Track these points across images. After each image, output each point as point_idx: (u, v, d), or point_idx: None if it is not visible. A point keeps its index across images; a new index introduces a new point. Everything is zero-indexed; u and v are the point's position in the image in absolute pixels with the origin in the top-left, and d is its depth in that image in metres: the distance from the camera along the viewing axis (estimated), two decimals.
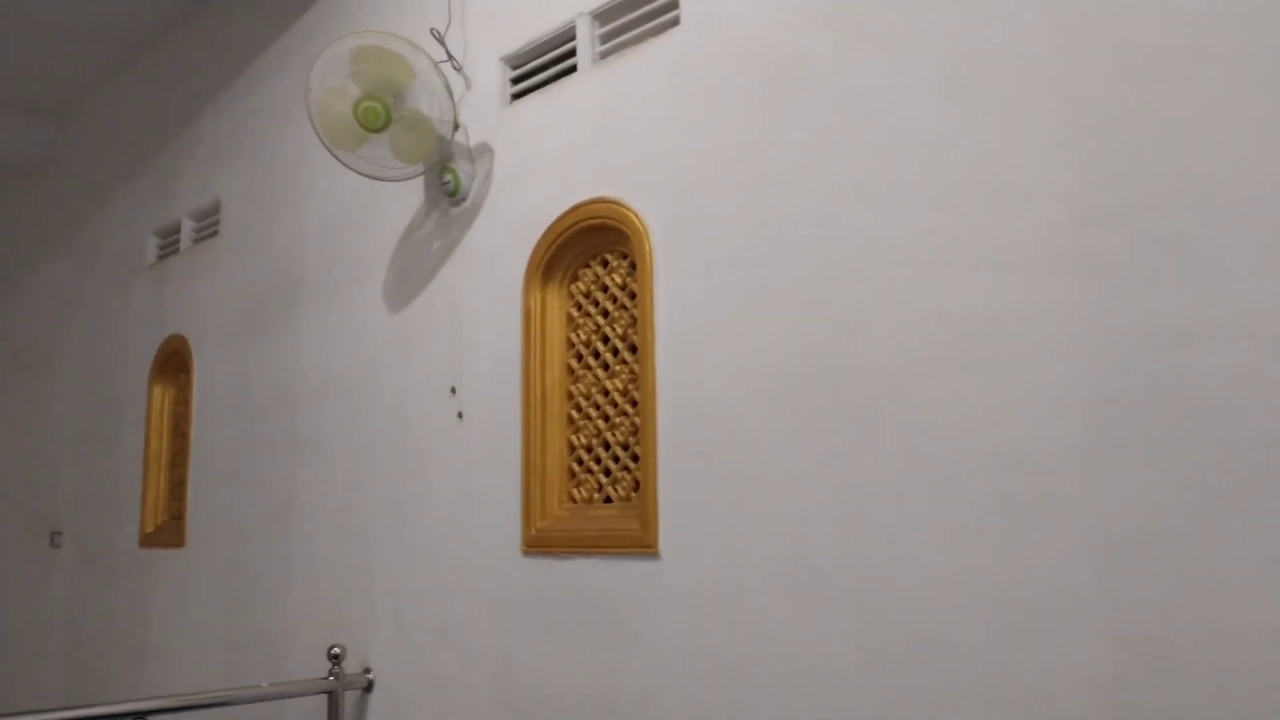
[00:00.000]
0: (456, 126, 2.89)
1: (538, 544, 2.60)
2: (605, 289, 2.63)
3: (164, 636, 4.09)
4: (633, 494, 2.49)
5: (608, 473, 2.57)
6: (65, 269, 5.33)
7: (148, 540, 4.26)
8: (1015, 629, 1.75)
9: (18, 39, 4.68)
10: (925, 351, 1.92)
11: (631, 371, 2.52)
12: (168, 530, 4.17)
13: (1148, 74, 1.70)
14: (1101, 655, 1.66)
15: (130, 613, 4.33)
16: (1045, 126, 1.81)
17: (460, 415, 2.90)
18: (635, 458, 2.49)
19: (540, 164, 2.77)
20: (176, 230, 4.41)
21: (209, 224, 4.21)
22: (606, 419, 2.58)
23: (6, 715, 2.84)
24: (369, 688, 3.02)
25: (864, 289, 2.02)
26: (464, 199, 2.97)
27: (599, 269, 2.65)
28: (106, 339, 4.82)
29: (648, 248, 2.44)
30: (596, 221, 2.59)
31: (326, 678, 2.94)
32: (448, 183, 2.95)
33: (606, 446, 2.57)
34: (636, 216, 2.47)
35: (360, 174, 2.93)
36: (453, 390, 2.93)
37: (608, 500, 2.56)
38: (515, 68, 2.92)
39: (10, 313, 5.95)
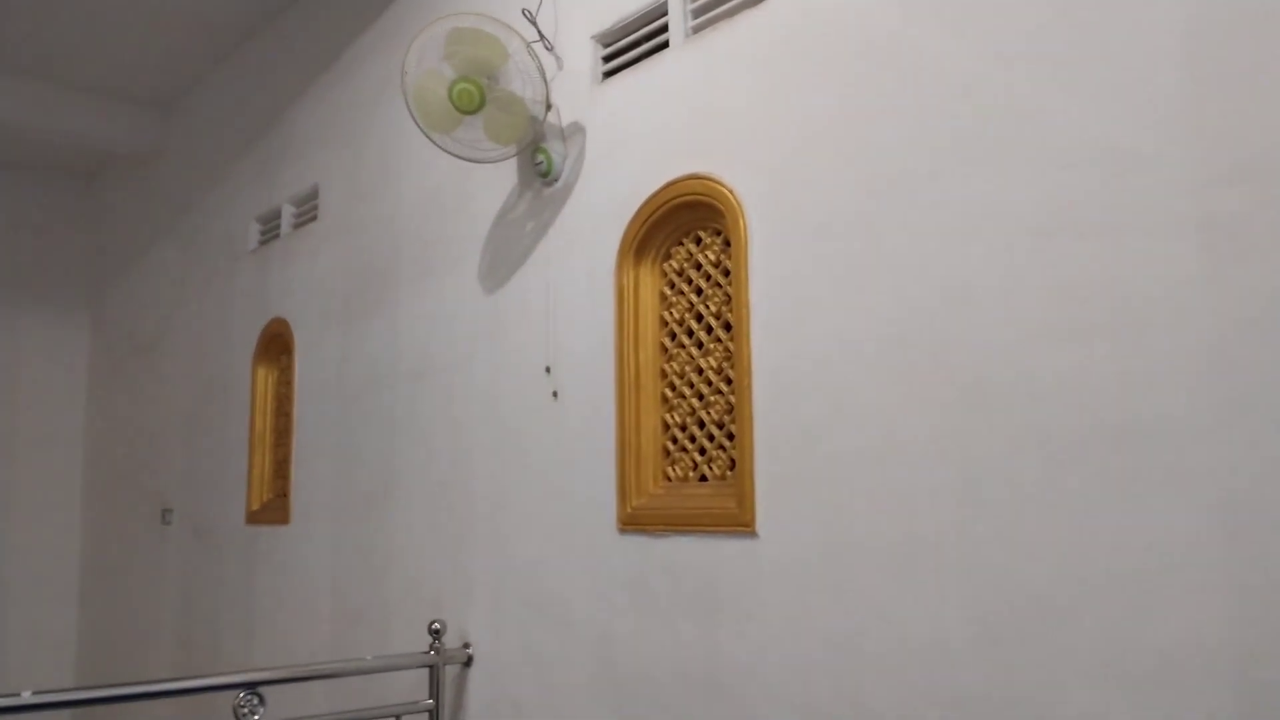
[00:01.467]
0: (549, 107, 2.90)
1: (633, 522, 2.61)
2: (699, 266, 2.61)
3: (271, 610, 4.23)
4: (728, 472, 2.48)
5: (703, 451, 2.56)
6: (172, 255, 5.52)
7: (254, 517, 4.40)
8: (1137, 603, 1.70)
9: (125, 32, 4.84)
10: (1037, 319, 1.86)
11: (726, 349, 2.51)
12: (273, 508, 4.30)
13: (1273, 27, 1.62)
14: (1229, 632, 1.59)
15: (238, 587, 4.48)
16: (1164, 85, 1.74)
17: (555, 394, 2.92)
18: (730, 436, 2.47)
19: (632, 142, 2.77)
20: (277, 216, 4.52)
21: (308, 209, 4.31)
22: (701, 397, 2.57)
23: (126, 684, 2.97)
24: (469, 662, 3.08)
25: (972, 256, 1.97)
26: (556, 179, 2.98)
27: (692, 246, 2.63)
28: (212, 323, 4.98)
29: (742, 223, 2.42)
30: (689, 198, 2.57)
31: (427, 652, 3.00)
32: (540, 163, 2.96)
33: (701, 425, 2.56)
34: (730, 192, 2.45)
35: (455, 156, 2.96)
36: (547, 370, 2.95)
37: (703, 479, 2.55)
38: (606, 46, 2.92)
39: (121, 298, 6.19)
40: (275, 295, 4.44)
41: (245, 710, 2.62)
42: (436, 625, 3.01)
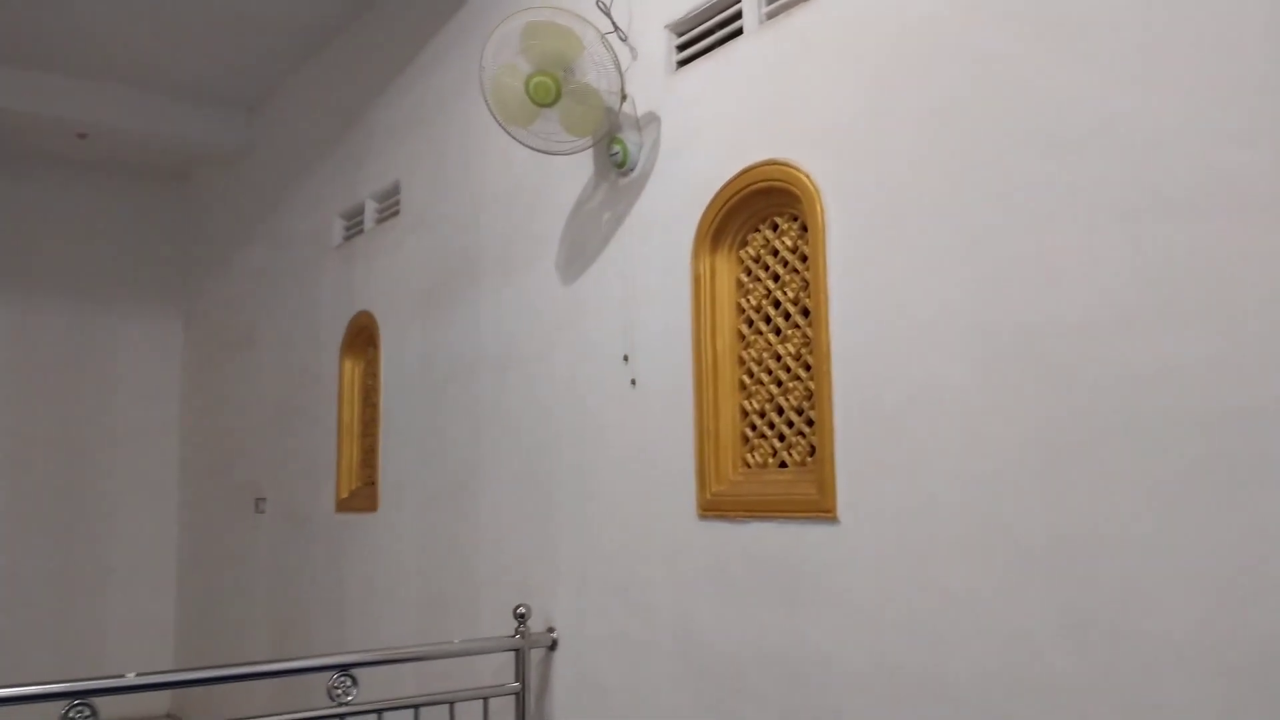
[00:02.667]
0: (624, 97, 2.93)
1: (713, 508, 2.63)
2: (775, 253, 2.61)
3: (360, 595, 4.35)
4: (808, 459, 2.48)
5: (781, 438, 2.56)
6: (261, 252, 5.69)
7: (343, 505, 4.52)
8: (1233, 593, 1.66)
9: (212, 37, 5.00)
10: (1126, 302, 1.83)
11: (804, 335, 2.51)
12: (361, 496, 4.41)
13: None
14: None
15: (329, 573, 4.62)
16: (1252, 63, 1.69)
17: (633, 382, 2.95)
18: (810, 422, 2.48)
19: (707, 130, 2.78)
20: (360, 211, 4.63)
21: (390, 204, 4.41)
22: (779, 384, 2.57)
23: (225, 665, 3.08)
24: (553, 646, 3.13)
25: (1057, 239, 1.94)
26: (632, 169, 3.00)
27: (768, 233, 2.64)
28: (300, 317, 5.12)
29: (819, 209, 2.41)
30: (765, 185, 2.57)
31: (513, 636, 3.06)
32: (616, 153, 2.98)
33: (780, 411, 2.57)
34: (807, 178, 2.45)
35: (532, 149, 3.00)
36: (625, 358, 2.98)
37: (783, 465, 2.55)
38: (680, 35, 2.93)
39: (212, 295, 6.40)
40: (360, 289, 4.55)
41: (339, 691, 2.71)
42: (522, 610, 3.07)
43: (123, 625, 6.51)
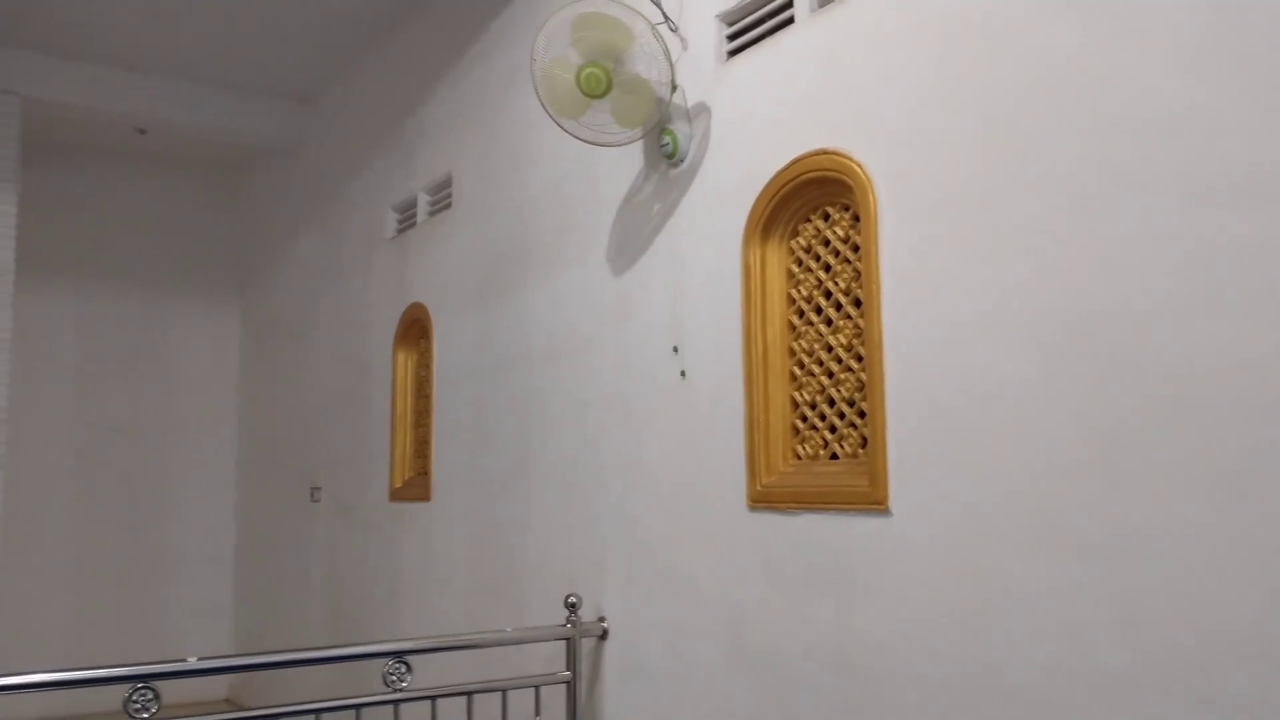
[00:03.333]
0: (674, 88, 2.92)
1: (763, 499, 2.62)
2: (827, 243, 2.60)
3: (413, 583, 4.41)
4: (860, 450, 2.46)
5: (833, 429, 2.55)
6: (315, 244, 5.77)
7: (396, 494, 4.58)
8: None
9: (267, 31, 5.07)
10: (1185, 289, 1.79)
11: (856, 326, 2.49)
12: (414, 485, 4.47)
13: None
14: None
15: (383, 561, 4.68)
16: None
17: (683, 373, 2.95)
18: (862, 413, 2.46)
19: (758, 120, 2.77)
20: (413, 204, 4.68)
21: (443, 197, 4.45)
22: (830, 375, 2.56)
23: (283, 651, 3.14)
24: (604, 635, 3.15)
25: (1113, 225, 1.91)
26: (682, 160, 3.00)
27: (820, 223, 2.62)
28: (354, 309, 5.19)
29: (871, 198, 2.39)
30: (817, 174, 2.56)
31: (564, 625, 3.08)
32: (666, 144, 2.98)
33: (831, 403, 2.55)
34: (859, 167, 2.43)
35: (583, 141, 3.01)
36: (674, 349, 2.98)
37: (834, 457, 2.54)
38: (731, 24, 2.91)
39: (268, 286, 6.51)
40: (413, 281, 4.60)
41: (394, 678, 2.75)
42: (572, 599, 3.09)
43: (183, 610, 6.66)
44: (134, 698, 2.43)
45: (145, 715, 2.43)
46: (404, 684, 2.75)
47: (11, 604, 5.49)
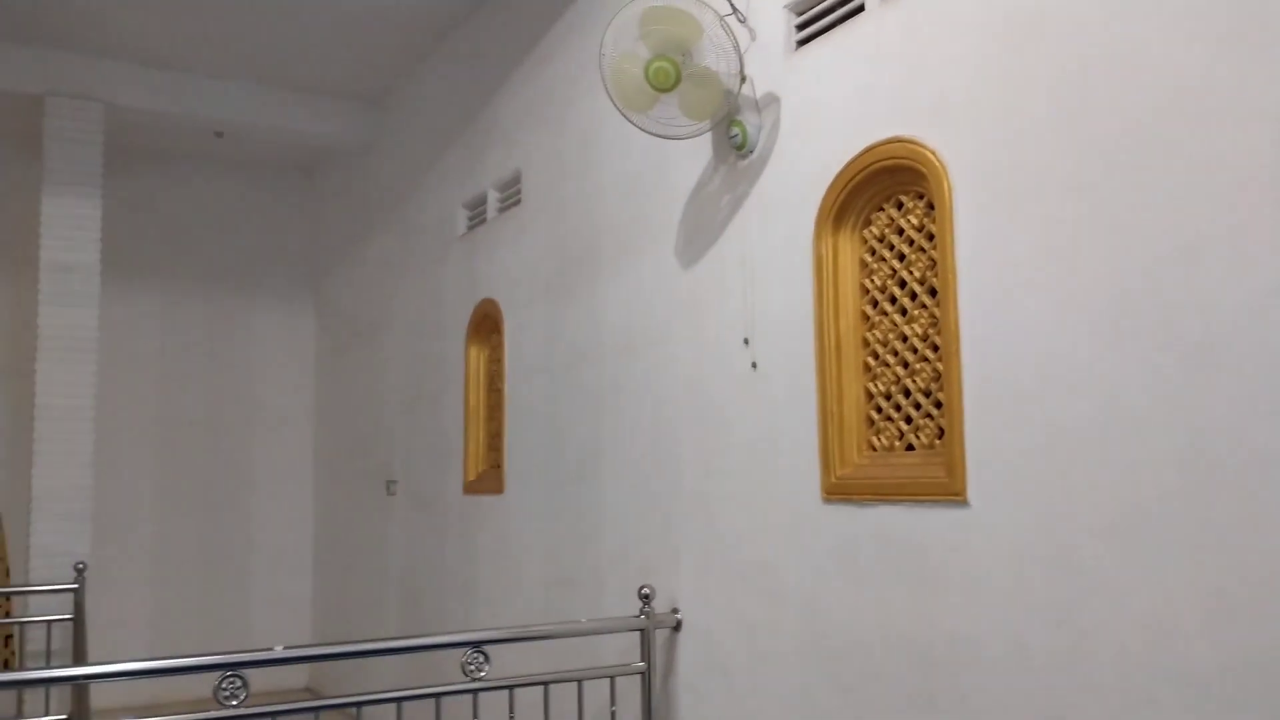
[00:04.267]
0: (743, 79, 2.92)
1: (838, 491, 2.61)
2: (900, 232, 2.57)
3: (488, 575, 4.47)
4: (936, 441, 2.44)
5: (909, 420, 2.53)
6: (387, 242, 5.87)
7: (471, 488, 4.65)
8: None
9: (337, 34, 5.17)
10: (1271, 277, 1.75)
11: (932, 315, 2.46)
12: (488, 478, 4.52)
13: None
14: None
15: (457, 553, 4.75)
16: None
17: (754, 365, 2.94)
18: (938, 404, 2.44)
19: (828, 109, 2.75)
20: (483, 201, 4.73)
21: (512, 193, 4.49)
22: (905, 365, 2.54)
23: (365, 641, 3.20)
24: (678, 627, 3.16)
25: (1199, 212, 1.87)
26: (751, 151, 2.99)
27: (893, 211, 2.60)
28: (426, 306, 5.27)
29: (947, 186, 2.36)
30: (890, 163, 2.53)
31: (638, 616, 3.10)
32: (735, 136, 2.98)
33: (907, 393, 2.53)
34: (934, 154, 2.40)
35: (652, 134, 3.02)
36: (746, 341, 2.98)
37: (910, 448, 2.52)
38: (800, 14, 2.90)
39: (341, 285, 6.63)
40: (484, 277, 4.65)
41: (472, 667, 2.79)
42: (646, 590, 3.10)
43: (263, 601, 6.83)
44: (224, 685, 2.50)
45: (234, 702, 2.50)
46: (482, 674, 2.79)
47: (101, 594, 5.67)
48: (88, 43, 5.23)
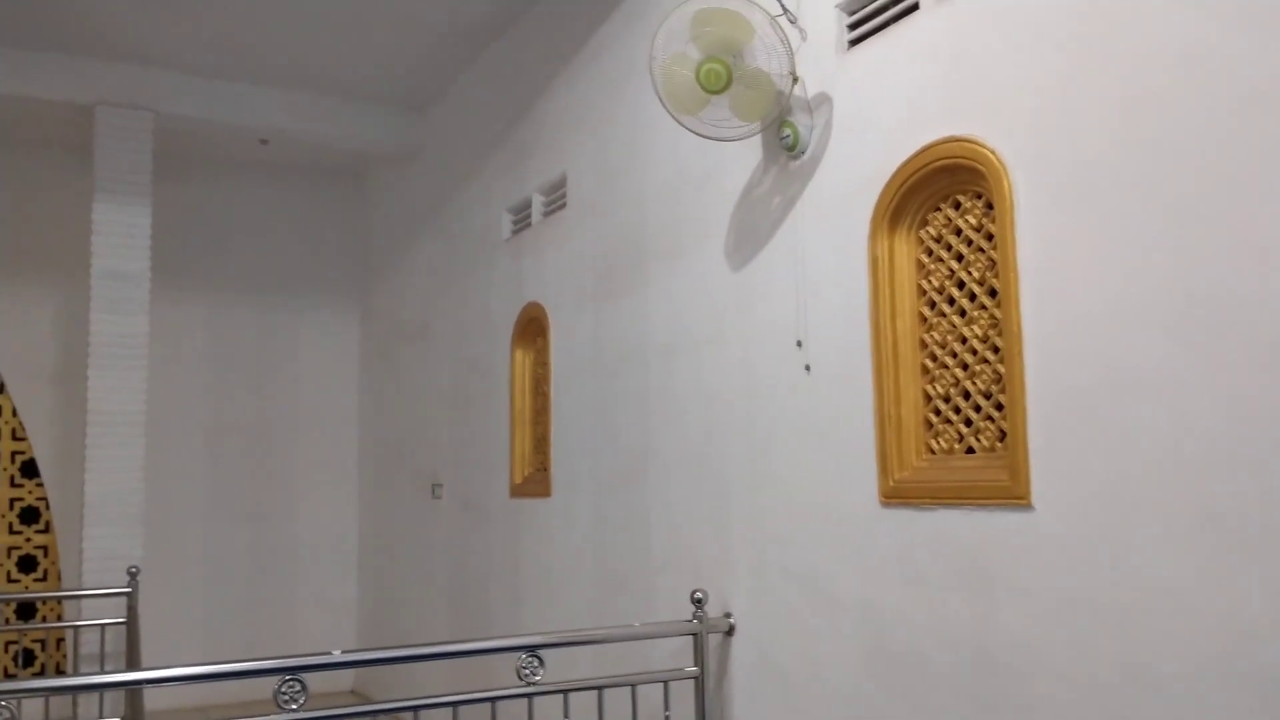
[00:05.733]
0: (795, 80, 2.89)
1: (896, 495, 2.58)
2: (958, 232, 2.54)
3: (535, 578, 4.47)
4: (998, 444, 2.40)
5: (968, 423, 2.49)
6: (432, 247, 5.90)
7: (517, 491, 4.65)
8: None
9: (382, 41, 5.20)
10: None
11: (992, 317, 2.43)
12: (534, 481, 4.53)
13: None
14: None
15: (504, 556, 4.76)
16: None
17: (807, 368, 2.92)
18: (999, 406, 2.40)
19: (882, 109, 2.72)
20: (528, 205, 4.74)
21: (557, 197, 4.49)
22: (965, 367, 2.50)
23: (421, 645, 3.21)
24: (730, 631, 3.14)
25: (1269, 208, 1.82)
26: (803, 152, 2.97)
27: (950, 211, 2.56)
28: (472, 309, 5.28)
29: (1006, 184, 2.33)
30: (947, 162, 2.50)
31: (690, 620, 3.08)
32: (786, 137, 2.96)
33: (966, 396, 2.50)
34: (992, 153, 2.37)
35: (702, 137, 3.00)
36: (798, 343, 2.96)
37: (970, 451, 2.49)
38: (852, 14, 2.87)
39: (387, 289, 6.67)
40: (529, 281, 4.66)
41: (527, 671, 2.79)
42: (699, 594, 3.09)
43: (310, 604, 6.88)
44: (283, 689, 2.52)
45: (294, 706, 2.51)
46: (537, 678, 2.78)
47: (153, 598, 5.73)
48: (136, 53, 5.30)
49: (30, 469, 6.24)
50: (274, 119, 5.86)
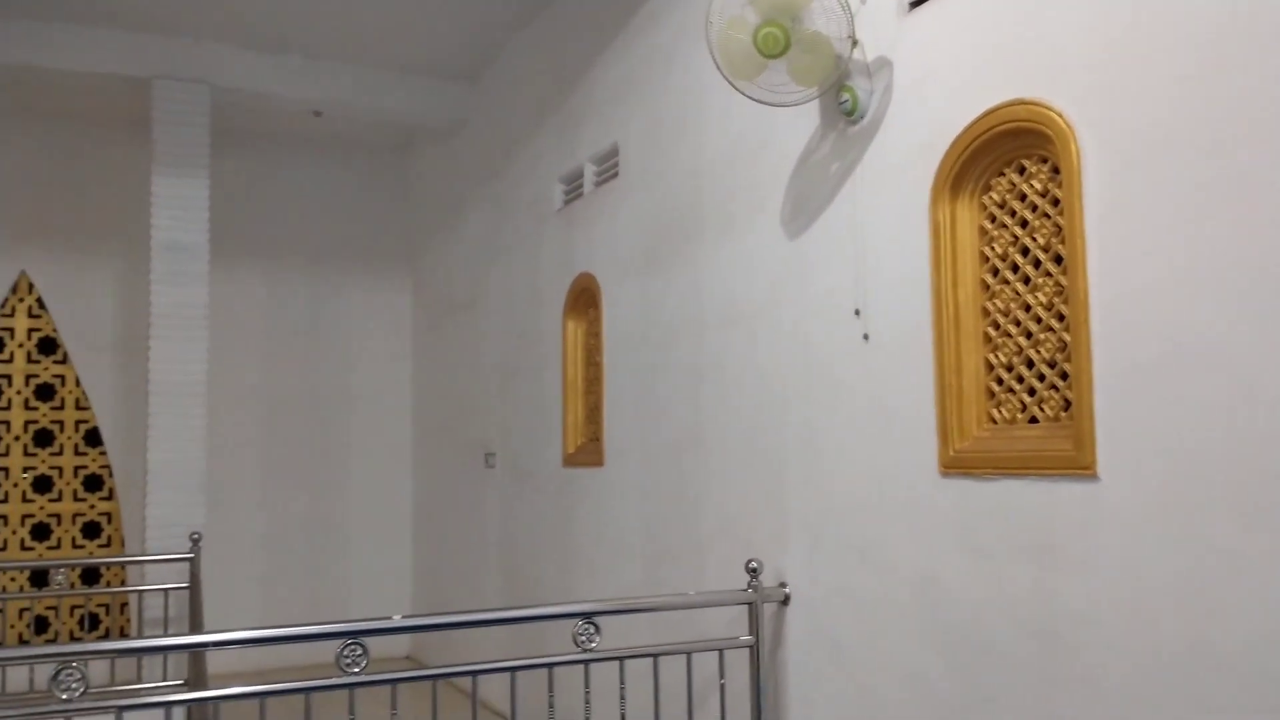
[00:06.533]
0: (854, 43, 2.84)
1: (957, 465, 2.55)
2: (1023, 197, 2.49)
3: (587, 547, 4.49)
4: (1062, 413, 2.36)
5: (1032, 392, 2.45)
6: (483, 218, 5.91)
7: (570, 460, 4.67)
8: None
9: (431, 13, 5.19)
10: None
11: (1057, 284, 2.38)
12: (587, 451, 4.54)
13: None
14: None
15: (556, 525, 4.79)
16: None
17: (866, 337, 2.89)
18: (1064, 375, 2.36)
19: (944, 72, 2.66)
20: (579, 175, 4.73)
21: (609, 167, 4.47)
22: (1028, 335, 2.46)
23: (475, 610, 3.24)
24: (785, 601, 3.14)
25: None
26: (862, 117, 2.92)
27: (1015, 176, 2.51)
28: (523, 280, 5.29)
29: (1073, 148, 2.27)
30: (1012, 126, 2.45)
31: (745, 590, 3.08)
32: (845, 101, 2.91)
33: (1030, 364, 2.45)
34: (1060, 116, 2.31)
35: (759, 102, 2.97)
36: (856, 312, 2.92)
37: (1033, 420, 2.45)
38: None
39: (439, 262, 6.70)
40: (581, 251, 4.65)
41: (583, 638, 2.80)
42: (754, 564, 3.08)
43: (364, 570, 6.99)
44: (345, 653, 2.56)
45: (356, 669, 2.56)
46: (593, 644, 2.80)
47: (211, 564, 5.85)
48: (192, 26, 5.35)
49: (94, 437, 6.39)
50: (327, 91, 5.89)
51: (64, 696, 2.33)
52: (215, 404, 5.83)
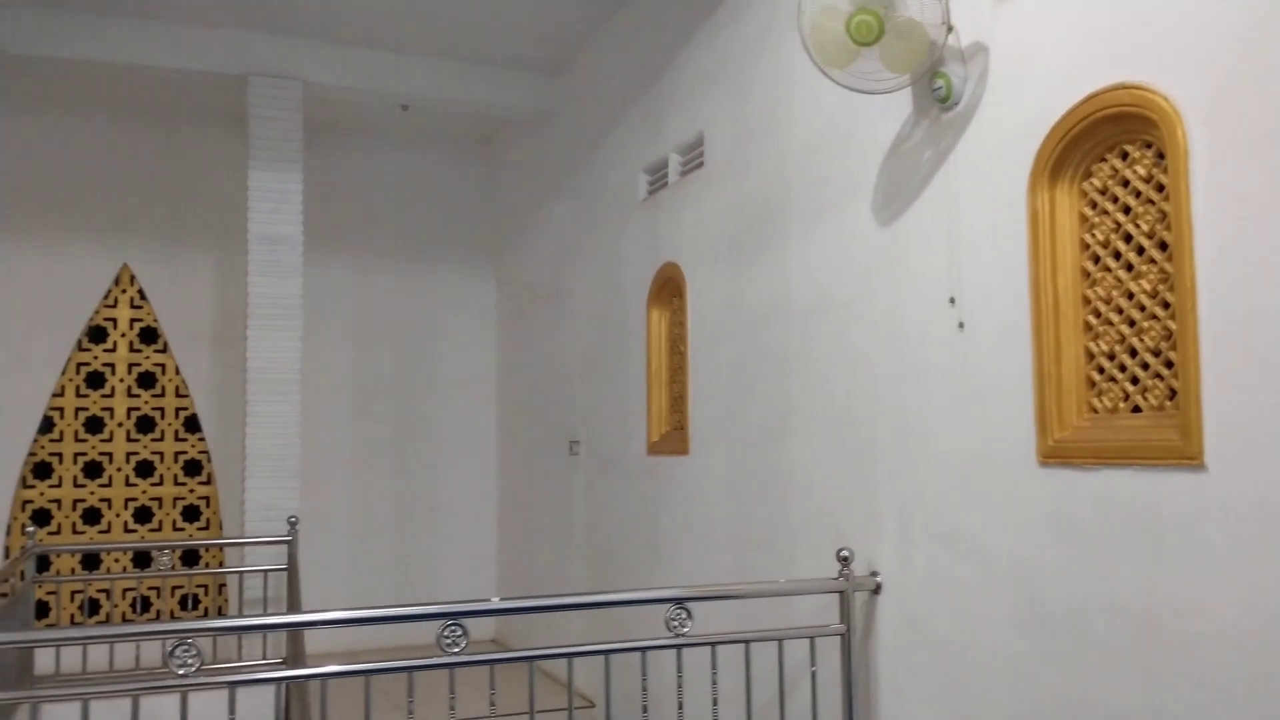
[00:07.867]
0: (949, 29, 2.82)
1: (1056, 455, 2.52)
2: (1126, 183, 2.44)
3: (673, 534, 4.53)
4: (1167, 403, 2.32)
5: (1135, 380, 2.41)
6: (568, 210, 5.97)
7: (654, 448, 4.71)
8: None
9: (513, 5, 5.25)
10: None
11: (1162, 271, 2.34)
12: (672, 439, 4.58)
13: None
14: None
15: (641, 512, 4.84)
16: None
17: (960, 325, 2.86)
18: (1169, 364, 2.32)
19: (1041, 56, 2.63)
20: (664, 165, 4.75)
21: (694, 156, 4.49)
22: (1131, 324, 2.42)
23: (568, 594, 3.30)
24: (877, 590, 3.13)
25: None
26: (956, 103, 2.90)
27: (1117, 162, 2.47)
28: (607, 270, 5.34)
29: (1180, 133, 2.23)
30: (1114, 111, 2.41)
31: (836, 578, 3.09)
32: (939, 88, 2.89)
33: (1133, 353, 2.42)
34: (1165, 100, 2.26)
35: (851, 90, 2.95)
36: (951, 300, 2.90)
37: (1136, 410, 2.41)
38: None
39: (523, 252, 6.79)
40: (665, 241, 4.68)
41: (676, 623, 2.84)
42: (845, 553, 3.08)
43: (450, 555, 7.13)
44: (445, 634, 2.63)
45: (456, 650, 2.63)
46: (685, 629, 2.83)
47: (305, 548, 6.02)
48: (284, 24, 5.49)
49: (192, 424, 6.62)
50: (414, 86, 5.99)
51: (180, 672, 2.44)
52: (308, 391, 5.98)
